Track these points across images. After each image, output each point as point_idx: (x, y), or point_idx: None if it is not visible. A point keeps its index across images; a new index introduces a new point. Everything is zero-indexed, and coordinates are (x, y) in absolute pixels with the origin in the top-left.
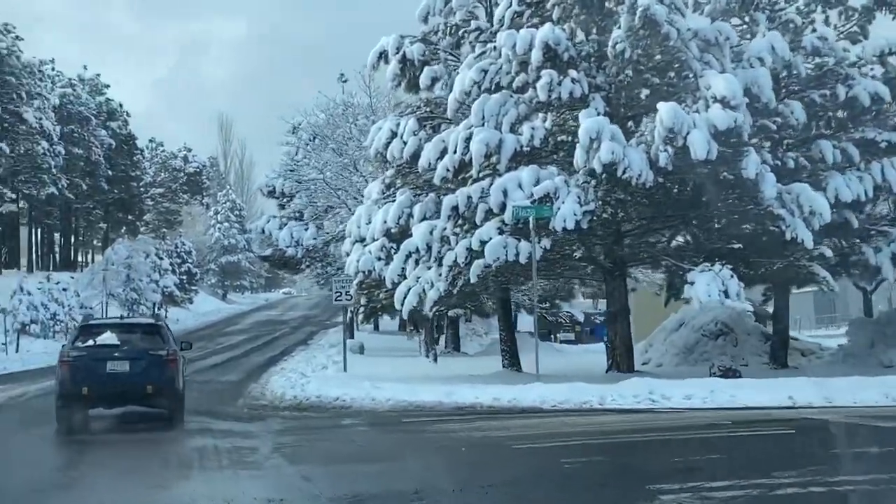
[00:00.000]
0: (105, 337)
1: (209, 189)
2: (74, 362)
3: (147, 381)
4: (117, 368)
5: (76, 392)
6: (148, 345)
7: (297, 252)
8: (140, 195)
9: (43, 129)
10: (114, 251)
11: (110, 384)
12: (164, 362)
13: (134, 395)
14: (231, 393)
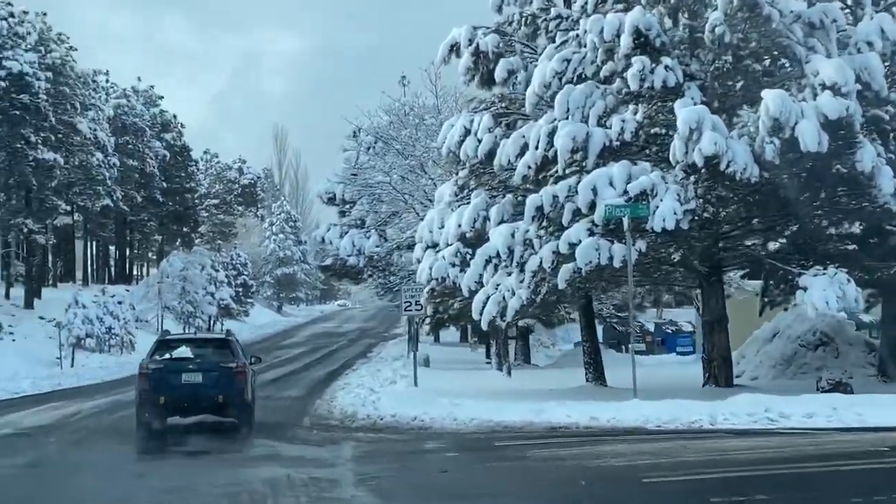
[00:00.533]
0: (180, 351)
1: (264, 201)
2: (153, 374)
3: (218, 392)
4: (191, 380)
5: (154, 401)
6: (219, 358)
7: (359, 261)
8: (195, 207)
9: (97, 141)
10: (169, 263)
11: (185, 394)
12: (234, 375)
13: (206, 404)
14: (296, 410)
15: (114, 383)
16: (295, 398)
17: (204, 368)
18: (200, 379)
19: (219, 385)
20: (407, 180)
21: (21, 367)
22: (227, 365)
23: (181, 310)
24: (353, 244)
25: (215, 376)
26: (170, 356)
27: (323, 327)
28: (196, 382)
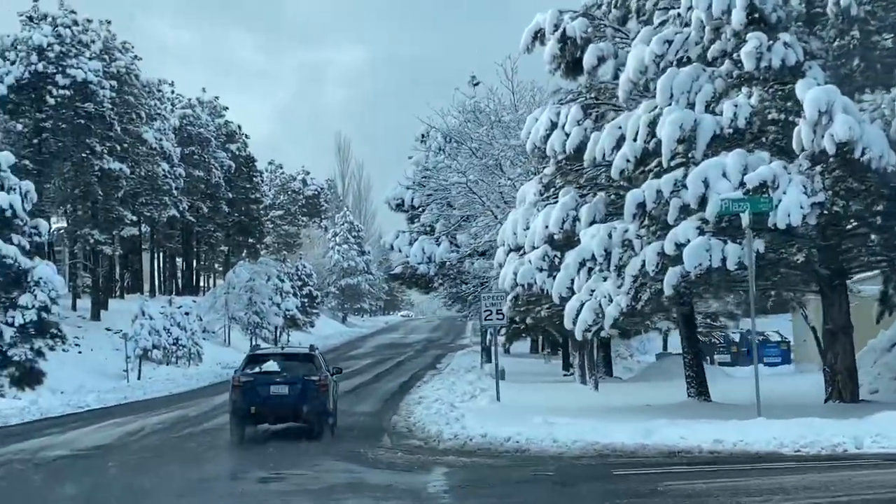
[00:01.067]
0: (268, 365)
1: (327, 212)
2: (244, 386)
3: (303, 402)
4: (279, 391)
5: (246, 410)
6: (304, 371)
7: (430, 269)
8: (260, 218)
9: (163, 150)
10: (235, 274)
11: (273, 404)
12: (318, 386)
13: (292, 414)
14: (373, 427)
15: (181, 396)
16: (370, 413)
17: (290, 381)
18: (287, 391)
19: (304, 396)
20: (482, 182)
21: (87, 380)
22: (311, 378)
23: (248, 320)
24: (422, 251)
25: (300, 388)
26: (259, 369)
27: (389, 338)
28: (283, 394)
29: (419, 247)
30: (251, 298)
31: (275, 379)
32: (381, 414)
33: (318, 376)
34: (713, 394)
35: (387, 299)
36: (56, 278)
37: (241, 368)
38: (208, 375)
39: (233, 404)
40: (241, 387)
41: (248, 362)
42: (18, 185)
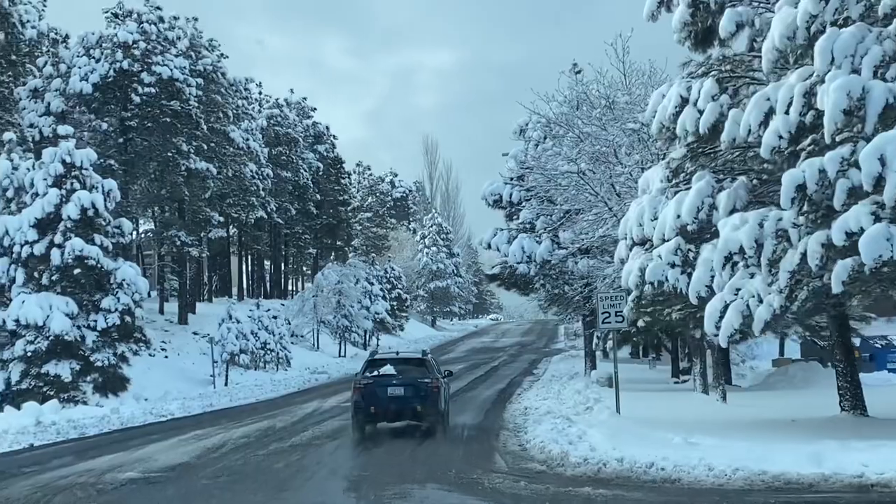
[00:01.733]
0: (385, 368)
1: (415, 214)
2: (364, 388)
3: (417, 402)
4: (395, 392)
5: (366, 410)
6: (417, 374)
7: (530, 269)
8: (348, 220)
9: (251, 150)
10: (323, 276)
11: (390, 404)
12: (430, 388)
13: (407, 413)
14: (481, 444)
15: (267, 404)
16: (473, 427)
17: (405, 383)
18: (402, 392)
19: (417, 397)
20: (593, 171)
21: (173, 386)
22: (423, 380)
23: (336, 324)
24: (522, 250)
25: (414, 389)
26: (377, 373)
27: (480, 342)
28: (399, 395)
29: (518, 245)
30: (340, 301)
31: (392, 381)
32: (487, 427)
33: (430, 378)
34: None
35: (476, 303)
36: (140, 280)
37: (362, 372)
38: (297, 381)
39: (354, 404)
40: (361, 388)
41: (367, 366)
42: (101, 183)
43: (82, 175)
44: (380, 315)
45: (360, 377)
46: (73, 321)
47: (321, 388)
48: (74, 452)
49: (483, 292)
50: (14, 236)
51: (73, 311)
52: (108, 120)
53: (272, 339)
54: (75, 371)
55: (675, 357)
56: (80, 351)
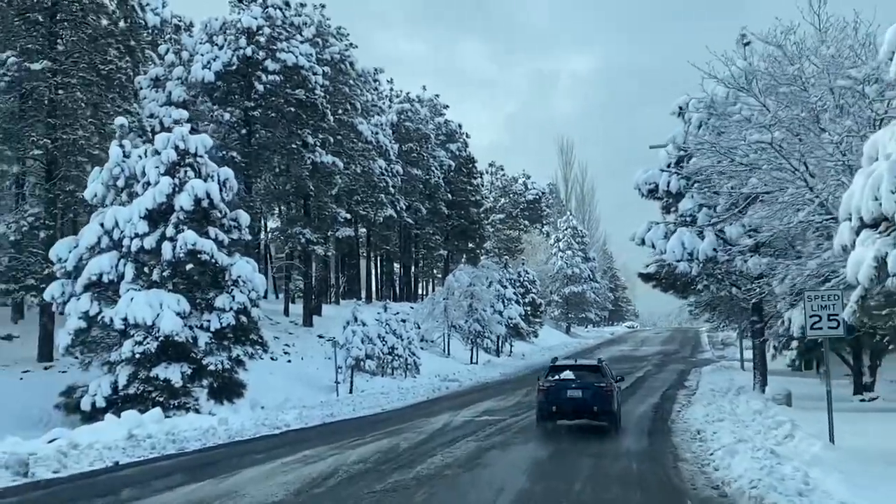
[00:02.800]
0: (565, 374)
1: (549, 217)
2: (548, 390)
3: (593, 403)
4: (574, 395)
5: (549, 409)
6: (593, 379)
7: (691, 268)
8: (480, 221)
9: (379, 145)
10: (455, 278)
11: (570, 405)
12: (605, 391)
13: (585, 412)
14: (657, 478)
15: (392, 416)
16: (640, 453)
17: (583, 386)
18: (580, 394)
19: (594, 399)
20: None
21: (294, 392)
22: (599, 384)
23: (468, 329)
24: (682, 246)
25: (591, 392)
26: (558, 377)
27: (618, 350)
28: (577, 396)
29: (678, 241)
30: (472, 305)
31: (571, 385)
32: (657, 455)
33: (604, 383)
34: None
35: (611, 309)
36: (256, 277)
37: (545, 376)
38: (425, 389)
39: (539, 404)
40: (545, 390)
41: (549, 372)
42: (217, 172)
43: (197, 163)
44: (513, 320)
45: (542, 381)
46: (185, 321)
47: (452, 397)
48: (155, 476)
49: (619, 299)
50: (124, 229)
51: (185, 309)
52: (230, 110)
53: (400, 344)
54: (186, 375)
55: (856, 369)
56: (191, 353)
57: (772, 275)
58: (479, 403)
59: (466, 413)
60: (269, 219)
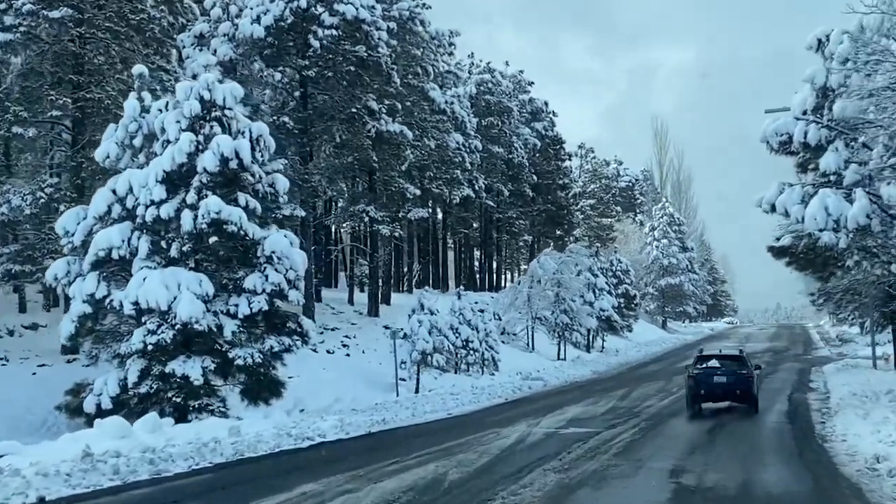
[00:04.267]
0: (711, 362)
1: (642, 205)
2: (696, 377)
3: (736, 388)
4: (720, 380)
5: (697, 393)
6: (736, 367)
7: (838, 239)
8: (568, 206)
9: (455, 116)
10: (540, 265)
11: (716, 389)
12: (747, 378)
13: (729, 395)
14: None
15: (456, 425)
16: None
17: (727, 373)
18: (725, 380)
19: (737, 384)
20: None
21: (349, 391)
22: (741, 371)
23: (554, 321)
24: (826, 212)
25: (734, 378)
26: (706, 365)
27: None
28: (722, 382)
29: (820, 205)
30: (559, 294)
31: (717, 372)
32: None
33: (746, 370)
34: None
35: (709, 304)
36: (295, 253)
37: (693, 365)
38: (504, 388)
39: (689, 389)
40: (694, 377)
41: (696, 361)
42: (248, 127)
43: (225, 116)
44: (605, 312)
45: (691, 369)
46: (207, 305)
47: (533, 399)
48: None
49: (717, 293)
50: (139, 195)
51: (208, 291)
52: (282, 70)
53: (476, 337)
54: (209, 370)
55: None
56: (215, 344)
57: None
58: (566, 408)
59: (549, 422)
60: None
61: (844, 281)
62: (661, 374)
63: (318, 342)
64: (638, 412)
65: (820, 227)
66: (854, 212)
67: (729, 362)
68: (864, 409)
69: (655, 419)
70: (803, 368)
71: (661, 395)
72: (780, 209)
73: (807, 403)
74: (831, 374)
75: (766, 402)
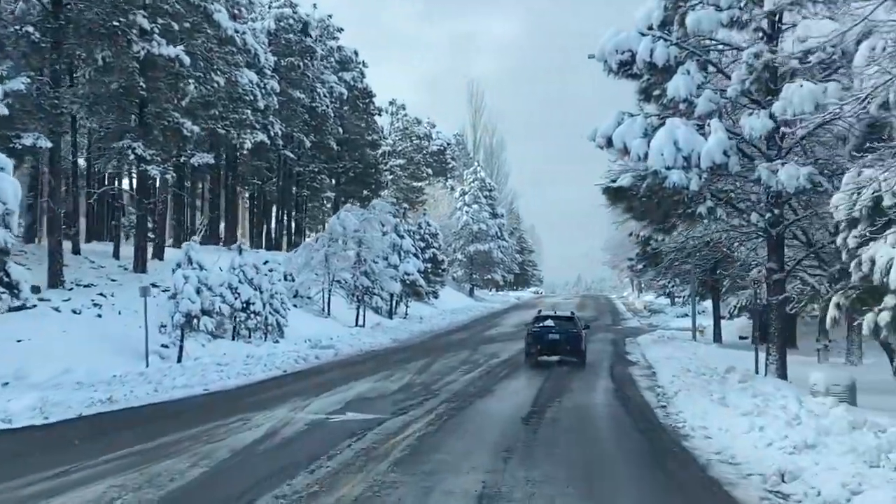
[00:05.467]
0: (547, 322)
1: (454, 170)
2: (534, 334)
3: (567, 344)
4: (554, 337)
5: (535, 347)
6: (569, 326)
7: (689, 180)
8: (377, 165)
9: (247, 49)
10: (339, 221)
11: (550, 345)
12: (577, 335)
13: (561, 350)
14: None
15: (206, 405)
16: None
17: (560, 331)
18: (558, 337)
19: (569, 341)
20: None
21: (88, 360)
22: (573, 330)
23: (354, 283)
24: (675, 147)
25: (567, 336)
26: (542, 324)
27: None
28: (556, 339)
29: (667, 138)
30: (360, 255)
31: (552, 330)
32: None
33: (576, 329)
34: None
35: (517, 273)
36: (7, 182)
37: (532, 324)
38: (286, 358)
39: (527, 345)
40: (532, 334)
41: (535, 320)
42: None
43: None
44: (411, 276)
45: (530, 327)
46: None
47: (317, 371)
48: None
49: (525, 262)
50: None
51: None
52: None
53: (259, 299)
54: None
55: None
56: None
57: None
58: (352, 384)
59: (322, 403)
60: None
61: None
62: (466, 343)
63: (64, 300)
64: (437, 390)
65: (667, 165)
66: (709, 147)
67: (562, 322)
68: (711, 389)
69: (458, 400)
70: (616, 339)
71: (466, 367)
72: (617, 143)
73: (633, 380)
74: (648, 346)
75: (590, 375)
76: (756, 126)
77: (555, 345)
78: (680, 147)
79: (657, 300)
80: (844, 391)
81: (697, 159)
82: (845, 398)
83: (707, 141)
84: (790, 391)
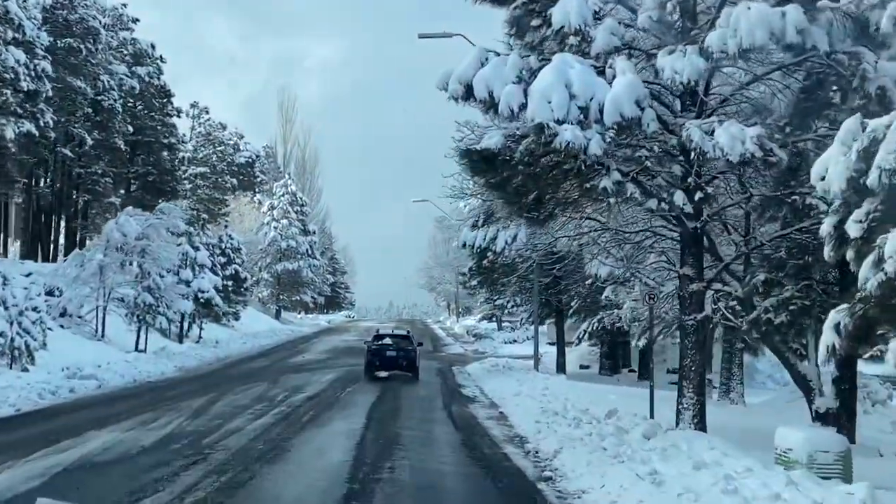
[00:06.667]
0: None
1: (263, 184)
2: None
3: (403, 360)
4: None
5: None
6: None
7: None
8: (174, 171)
9: (11, 21)
10: (118, 226)
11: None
12: (412, 352)
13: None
14: None
15: None
16: None
17: (397, 349)
18: (395, 354)
19: (405, 357)
20: None
21: None
22: (408, 347)
23: (135, 301)
24: (568, 92)
25: (403, 353)
26: (381, 342)
27: (341, 340)
28: (393, 355)
29: (557, 78)
30: (143, 267)
31: (389, 347)
32: None
33: (412, 347)
34: None
35: (328, 296)
36: None
37: (371, 341)
38: (25, 394)
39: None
40: (371, 350)
41: (374, 339)
42: None
43: None
44: (206, 294)
45: (369, 344)
46: None
47: (58, 412)
48: None
49: (337, 284)
50: None
51: None
52: None
53: (4, 317)
54: None
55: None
56: None
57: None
58: (91, 434)
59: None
60: None
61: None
62: (266, 374)
63: None
64: (208, 447)
65: (558, 118)
66: (616, 93)
67: (399, 339)
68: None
69: (233, 470)
70: (442, 368)
71: (260, 407)
72: (480, 92)
73: (482, 427)
74: (483, 378)
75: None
76: (682, 68)
77: (392, 361)
78: (574, 93)
79: (481, 324)
80: (837, 461)
81: (599, 111)
82: (838, 473)
83: (612, 86)
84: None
